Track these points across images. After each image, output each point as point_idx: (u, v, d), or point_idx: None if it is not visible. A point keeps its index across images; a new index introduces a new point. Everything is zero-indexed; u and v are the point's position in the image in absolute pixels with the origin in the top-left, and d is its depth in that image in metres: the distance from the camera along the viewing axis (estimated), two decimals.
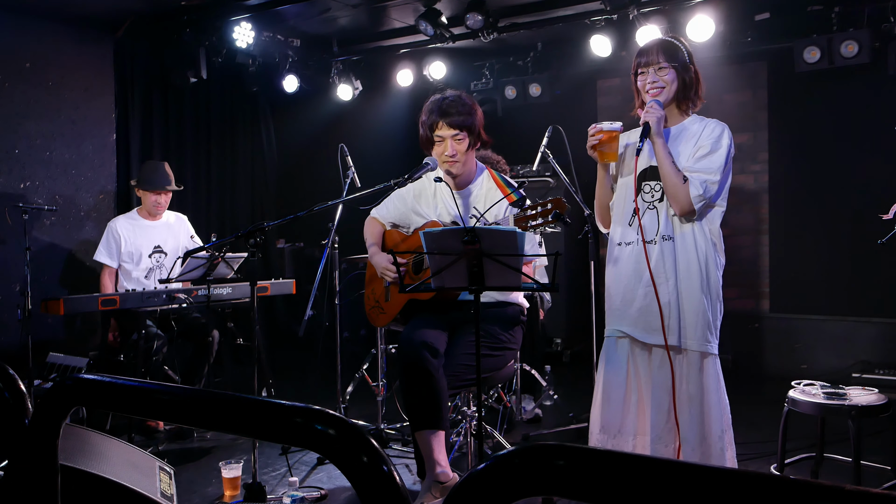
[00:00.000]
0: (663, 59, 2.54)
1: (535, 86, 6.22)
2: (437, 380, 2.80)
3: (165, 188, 4.52)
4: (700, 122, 2.58)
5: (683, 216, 2.51)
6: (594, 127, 2.56)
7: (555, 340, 6.21)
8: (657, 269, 2.52)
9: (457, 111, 2.98)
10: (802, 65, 5.20)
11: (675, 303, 2.51)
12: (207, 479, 3.53)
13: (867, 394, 2.98)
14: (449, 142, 2.99)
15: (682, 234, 2.52)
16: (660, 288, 2.50)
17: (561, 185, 5.77)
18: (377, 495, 0.91)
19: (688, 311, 2.50)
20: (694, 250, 2.51)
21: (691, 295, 2.50)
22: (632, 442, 2.60)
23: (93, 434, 2.40)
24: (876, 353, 5.36)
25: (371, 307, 3.35)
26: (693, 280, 2.50)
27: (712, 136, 2.50)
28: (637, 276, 2.56)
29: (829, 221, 5.66)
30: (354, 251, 4.72)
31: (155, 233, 4.58)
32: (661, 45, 2.57)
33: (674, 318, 2.50)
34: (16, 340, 4.44)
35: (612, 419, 2.61)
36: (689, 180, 2.46)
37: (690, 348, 2.50)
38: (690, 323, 2.49)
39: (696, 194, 2.44)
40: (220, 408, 1.10)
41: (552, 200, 2.41)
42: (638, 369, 2.60)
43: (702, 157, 2.49)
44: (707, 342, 2.49)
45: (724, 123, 2.55)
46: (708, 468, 0.73)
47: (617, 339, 2.64)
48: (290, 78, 6.18)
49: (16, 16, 4.89)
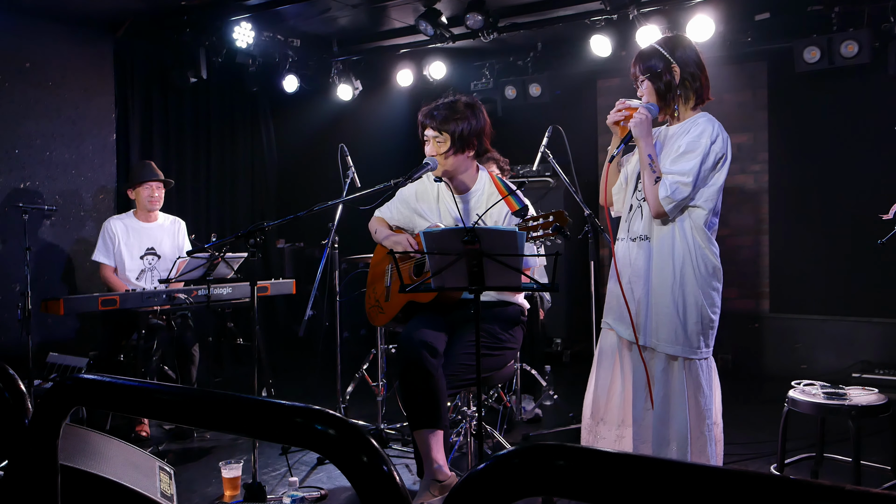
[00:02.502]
0: (639, 71, 2.59)
1: (535, 86, 6.22)
2: (437, 379, 2.81)
3: (155, 178, 4.51)
4: (694, 122, 2.54)
5: (657, 217, 2.51)
6: (622, 102, 2.60)
7: (555, 340, 6.21)
8: (631, 267, 2.56)
9: (440, 114, 3.02)
10: (802, 65, 5.20)
11: (646, 303, 2.52)
12: (207, 479, 3.53)
13: (867, 394, 2.98)
14: (431, 142, 3.04)
15: (659, 235, 2.53)
16: (634, 287, 2.54)
17: (561, 185, 5.78)
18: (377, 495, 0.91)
19: (657, 313, 2.50)
20: (670, 252, 2.50)
21: (662, 297, 2.49)
22: (616, 431, 2.63)
23: (93, 434, 2.40)
24: (876, 353, 5.36)
25: (371, 306, 3.36)
26: (665, 282, 2.49)
27: (691, 136, 2.48)
28: (619, 272, 2.60)
29: (829, 221, 5.66)
30: (354, 251, 4.73)
31: (148, 234, 4.55)
32: (638, 57, 2.60)
33: (645, 318, 2.53)
34: (16, 340, 4.44)
35: (598, 406, 2.68)
36: (661, 182, 2.45)
37: (658, 349, 2.51)
38: (661, 324, 2.49)
39: (664, 196, 2.43)
40: (220, 408, 1.10)
41: (555, 213, 2.43)
42: (624, 362, 2.64)
43: (677, 159, 2.47)
44: (677, 345, 2.47)
45: (714, 122, 2.51)
46: (708, 468, 0.73)
47: (607, 331, 2.70)
48: (290, 78, 6.18)
49: (16, 16, 4.89)
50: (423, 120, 3.07)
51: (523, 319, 3.19)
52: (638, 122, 2.49)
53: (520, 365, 4.29)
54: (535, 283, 2.79)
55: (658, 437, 2.49)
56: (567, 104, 6.48)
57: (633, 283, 2.55)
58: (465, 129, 3.00)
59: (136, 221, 4.56)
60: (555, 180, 5.92)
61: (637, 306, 2.53)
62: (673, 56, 2.53)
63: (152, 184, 4.50)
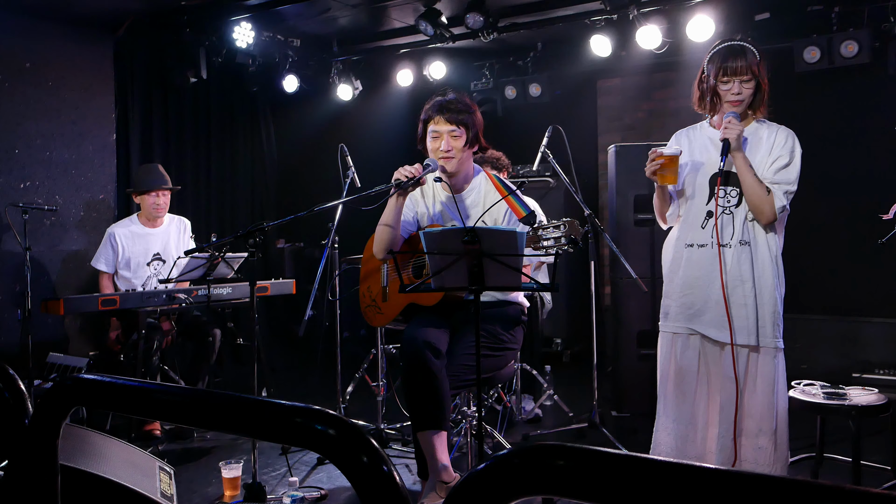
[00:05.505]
0: (747, 70, 2.60)
1: (535, 86, 6.22)
2: (440, 380, 2.79)
3: (162, 187, 4.46)
4: (768, 127, 2.69)
5: (766, 224, 2.63)
6: (654, 152, 2.65)
7: (555, 340, 6.21)
8: (732, 272, 2.63)
9: (456, 108, 2.96)
10: (802, 65, 5.19)
11: (753, 304, 2.62)
12: (207, 479, 3.53)
13: (867, 394, 2.98)
14: (445, 137, 2.95)
15: (758, 239, 2.65)
16: (735, 290, 2.63)
17: (561, 185, 5.78)
18: (377, 495, 0.91)
19: (763, 311, 2.63)
20: (768, 253, 2.65)
21: (767, 296, 2.63)
22: (701, 433, 2.72)
23: (93, 434, 2.40)
24: (876, 353, 5.36)
25: (367, 306, 3.29)
26: (768, 281, 2.63)
27: (787, 146, 2.63)
28: (711, 279, 2.65)
29: (828, 221, 5.65)
30: (354, 251, 4.72)
31: (154, 240, 4.52)
32: (747, 55, 2.61)
33: (751, 319, 2.62)
34: (16, 340, 4.44)
35: (685, 411, 2.74)
36: (773, 192, 2.58)
37: (767, 345, 2.63)
38: (766, 322, 2.63)
39: (781, 205, 2.59)
40: (220, 408, 1.10)
41: (568, 224, 2.43)
42: (709, 366, 2.71)
43: (780, 169, 2.61)
44: (777, 338, 2.65)
45: (791, 130, 2.67)
46: (708, 468, 0.73)
47: (688, 337, 2.74)
48: (290, 78, 6.18)
49: (16, 16, 4.89)
50: (435, 114, 2.97)
51: (524, 319, 3.17)
52: (738, 134, 2.56)
53: (520, 365, 4.29)
54: (536, 283, 2.79)
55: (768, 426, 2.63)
56: (567, 104, 6.48)
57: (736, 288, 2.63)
58: (477, 124, 3.01)
59: (142, 227, 4.51)
60: (555, 180, 5.92)
61: (741, 309, 2.62)
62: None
63: (156, 192, 4.45)
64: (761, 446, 2.62)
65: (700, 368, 2.72)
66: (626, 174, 4.60)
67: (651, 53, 5.43)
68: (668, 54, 5.45)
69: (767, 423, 2.62)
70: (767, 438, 2.62)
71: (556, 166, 4.05)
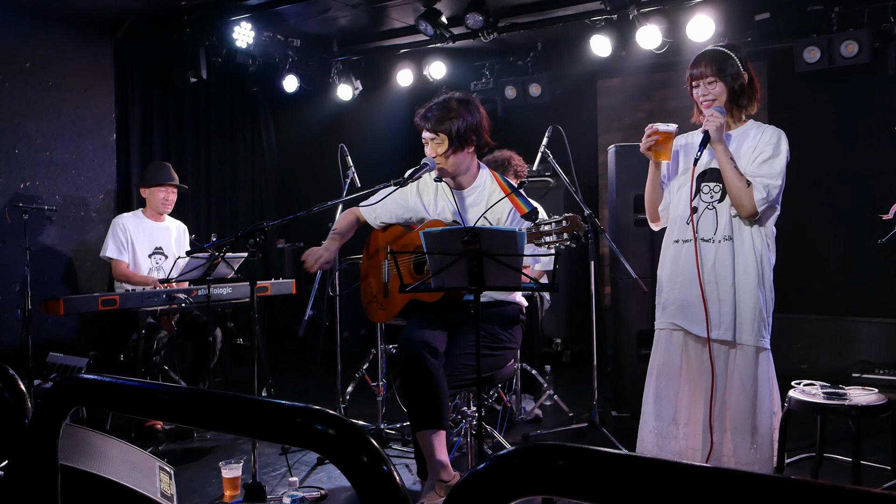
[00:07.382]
0: (711, 72, 2.62)
1: (535, 86, 6.22)
2: (438, 380, 2.80)
3: (173, 183, 4.53)
4: (758, 127, 2.68)
5: (747, 218, 2.62)
6: (651, 127, 2.66)
7: (555, 340, 6.21)
8: (715, 267, 2.64)
9: (434, 115, 2.99)
10: (802, 65, 5.20)
11: (731, 300, 2.61)
12: (207, 479, 3.53)
13: (867, 394, 2.98)
14: (429, 144, 3.03)
15: (741, 234, 2.64)
16: (718, 285, 2.62)
17: (561, 184, 5.78)
18: (377, 495, 0.91)
19: (744, 308, 2.62)
20: (752, 249, 2.63)
21: (748, 292, 2.62)
22: (682, 430, 2.72)
23: (93, 434, 2.40)
24: (876, 353, 5.36)
25: (368, 301, 3.32)
26: (750, 277, 2.62)
27: (771, 141, 2.62)
28: (693, 274, 2.66)
29: (828, 221, 5.66)
30: (354, 251, 4.72)
31: (158, 233, 4.57)
32: (711, 58, 2.64)
33: (729, 316, 2.61)
34: (16, 340, 4.44)
35: (667, 409, 2.73)
36: (753, 185, 2.57)
37: (745, 343, 2.61)
38: (746, 319, 2.61)
39: (760, 198, 2.56)
40: (220, 408, 1.10)
41: (569, 219, 2.44)
42: (691, 362, 2.71)
43: (763, 162, 2.60)
44: (761, 337, 2.63)
45: (781, 130, 2.66)
46: (708, 468, 0.73)
47: (671, 332, 2.75)
48: (290, 78, 6.18)
49: (16, 16, 4.89)
50: (419, 122, 3.05)
51: (522, 318, 3.18)
52: (718, 125, 2.56)
53: (520, 365, 4.29)
54: (535, 283, 2.79)
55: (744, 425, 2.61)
56: (567, 104, 6.48)
57: (717, 283, 2.63)
58: (462, 126, 2.97)
59: (146, 220, 4.56)
60: (555, 180, 5.92)
61: (720, 305, 2.62)
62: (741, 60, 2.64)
63: (168, 187, 4.52)
64: (738, 444, 2.62)
65: (683, 364, 2.72)
66: (626, 174, 4.59)
67: (651, 53, 5.43)
68: (668, 54, 5.45)
69: (743, 422, 2.61)
70: (743, 437, 2.61)
71: (556, 166, 4.05)
